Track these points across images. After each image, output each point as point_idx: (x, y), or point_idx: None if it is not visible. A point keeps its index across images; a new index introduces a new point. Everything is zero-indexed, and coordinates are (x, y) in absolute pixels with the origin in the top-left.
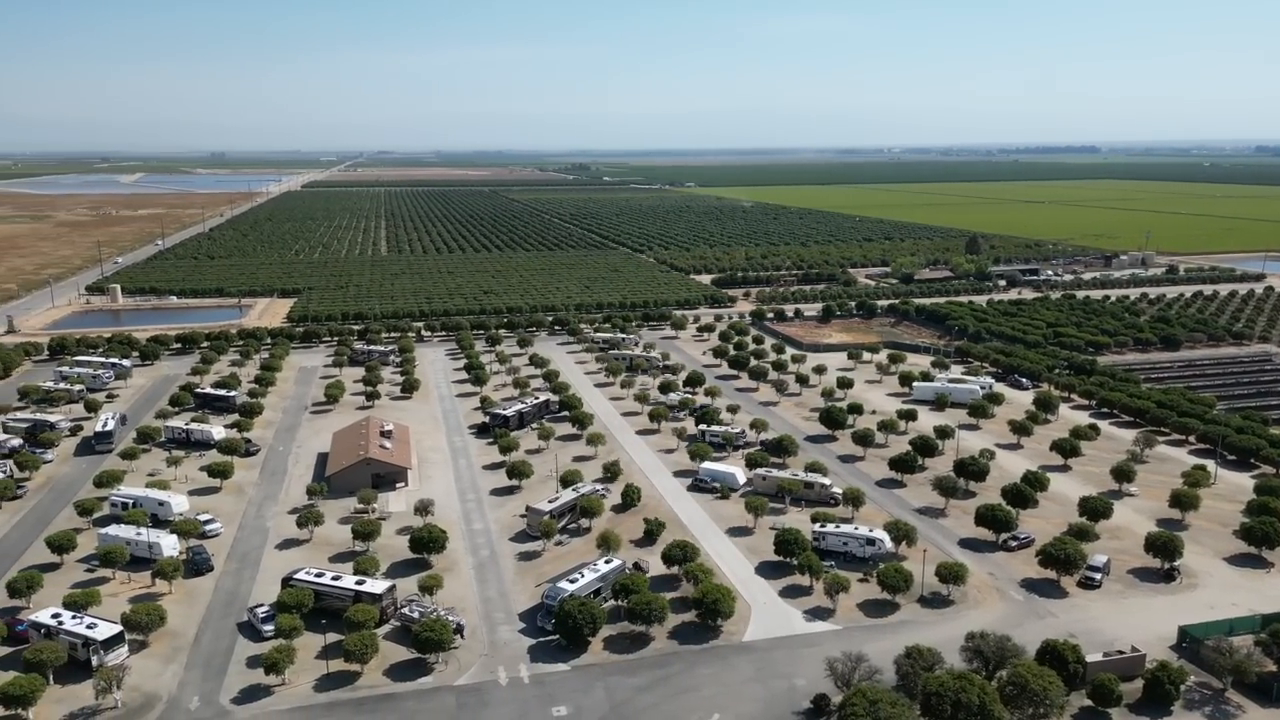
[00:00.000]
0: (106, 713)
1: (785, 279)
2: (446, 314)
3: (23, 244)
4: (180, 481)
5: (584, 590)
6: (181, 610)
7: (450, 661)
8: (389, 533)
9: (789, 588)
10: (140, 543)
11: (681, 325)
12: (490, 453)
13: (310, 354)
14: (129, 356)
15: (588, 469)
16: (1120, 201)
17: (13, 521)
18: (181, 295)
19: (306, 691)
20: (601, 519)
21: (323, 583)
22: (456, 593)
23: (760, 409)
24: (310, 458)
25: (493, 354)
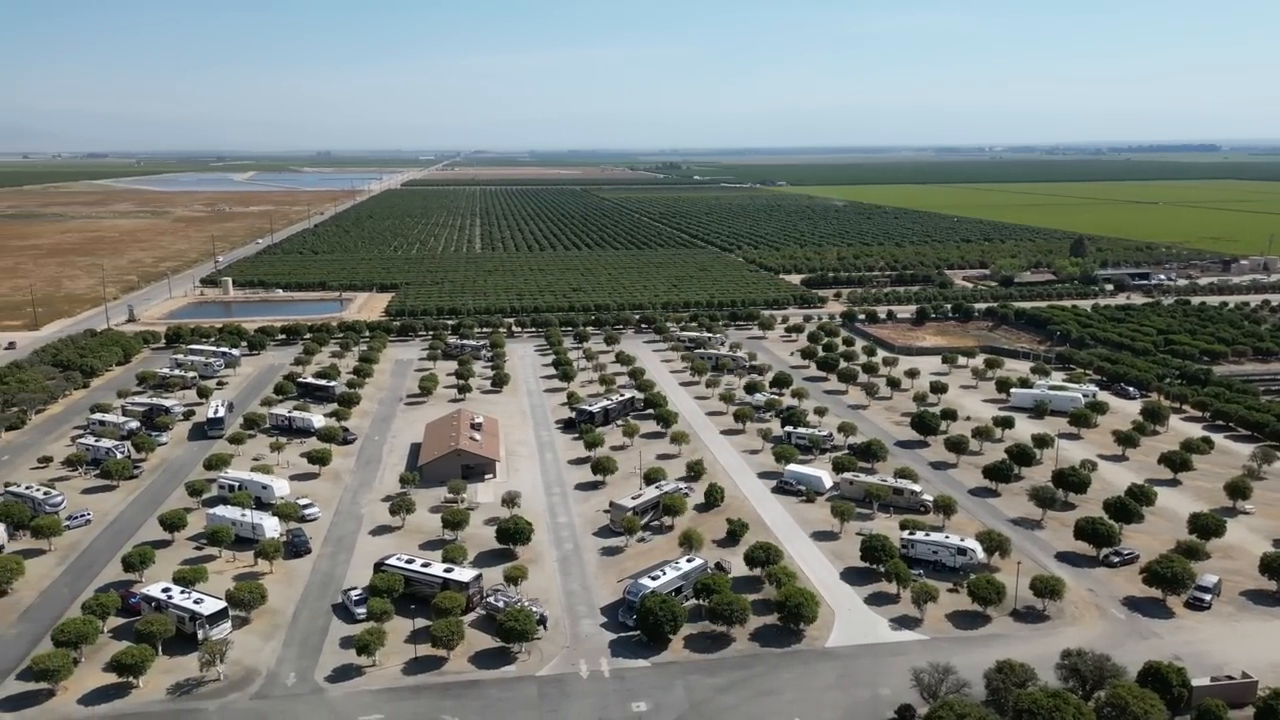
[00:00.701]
0: (210, 684)
1: (878, 280)
2: (536, 310)
3: (144, 238)
4: (282, 467)
5: (665, 588)
6: (281, 590)
7: (533, 652)
8: (477, 523)
9: (875, 595)
10: (244, 524)
11: (769, 325)
12: (576, 448)
13: (406, 347)
14: (238, 346)
15: (671, 467)
16: (1241, 203)
17: (129, 499)
18: (287, 289)
19: (395, 674)
20: (684, 517)
21: (412, 569)
22: (540, 584)
23: (849, 412)
24: (404, 447)
25: (580, 351)
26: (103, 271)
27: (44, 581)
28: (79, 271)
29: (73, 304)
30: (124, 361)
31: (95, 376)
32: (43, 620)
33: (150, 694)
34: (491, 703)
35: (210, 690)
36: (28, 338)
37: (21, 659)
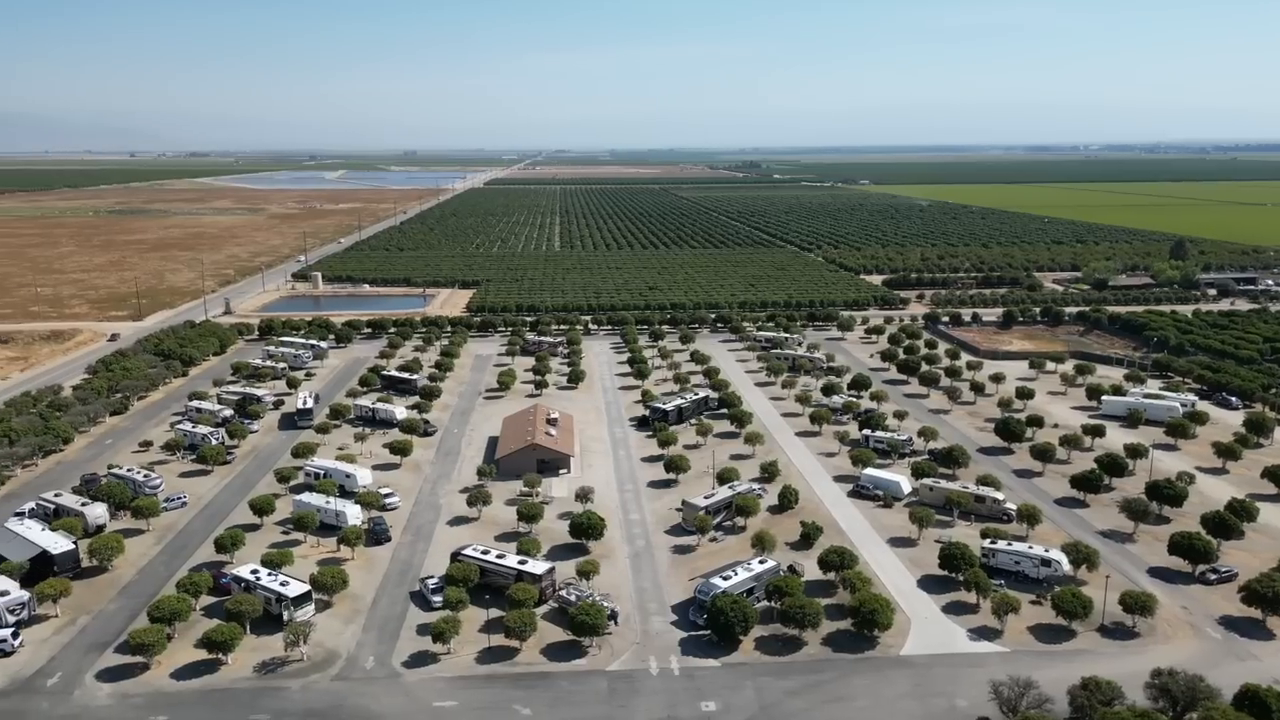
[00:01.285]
0: (293, 664)
1: (963, 281)
2: (613, 308)
3: (240, 234)
4: (365, 456)
5: (737, 588)
6: (361, 576)
7: (604, 646)
8: (550, 517)
9: (953, 604)
10: (329, 511)
11: (848, 326)
12: (649, 445)
13: (486, 343)
14: (326, 339)
15: (745, 468)
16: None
17: (222, 484)
18: (374, 284)
19: (469, 662)
20: (757, 519)
21: (488, 560)
22: (612, 580)
23: (930, 416)
24: (482, 441)
25: (655, 349)
26: (202, 265)
27: (142, 560)
28: (180, 265)
29: (174, 296)
30: (220, 352)
31: (193, 366)
32: (140, 597)
33: (238, 671)
34: (562, 695)
35: (294, 670)
36: (131, 328)
37: (119, 633)
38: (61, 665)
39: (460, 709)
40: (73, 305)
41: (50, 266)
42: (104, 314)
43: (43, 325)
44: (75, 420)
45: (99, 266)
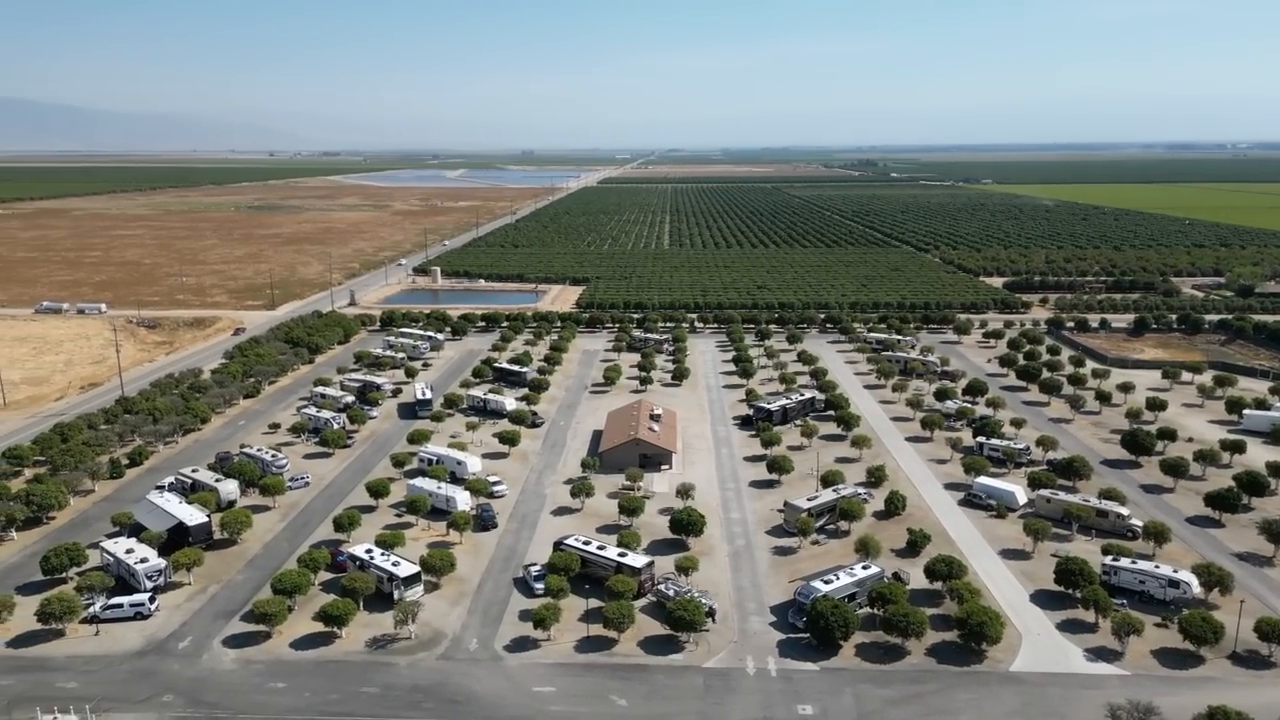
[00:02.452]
0: (402, 641)
1: (1091, 285)
2: (720, 307)
3: (366, 230)
4: (475, 445)
5: (838, 593)
6: (468, 560)
7: (700, 643)
8: (651, 511)
9: (1069, 622)
10: (439, 496)
11: (965, 330)
12: (752, 445)
13: (593, 338)
14: (443, 331)
15: (850, 471)
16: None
17: (342, 466)
18: (489, 279)
19: (568, 650)
20: (861, 523)
21: (589, 550)
22: (711, 577)
23: (1050, 425)
24: (586, 434)
25: (761, 348)
26: (330, 259)
27: (267, 535)
28: (311, 259)
29: (304, 288)
30: (344, 341)
31: (319, 354)
32: (264, 569)
33: (350, 645)
34: (657, 688)
35: (402, 647)
36: (264, 316)
37: (245, 603)
38: (192, 630)
39: (558, 695)
40: (213, 294)
41: (195, 258)
42: (241, 303)
43: (186, 312)
44: (212, 401)
45: (238, 258)
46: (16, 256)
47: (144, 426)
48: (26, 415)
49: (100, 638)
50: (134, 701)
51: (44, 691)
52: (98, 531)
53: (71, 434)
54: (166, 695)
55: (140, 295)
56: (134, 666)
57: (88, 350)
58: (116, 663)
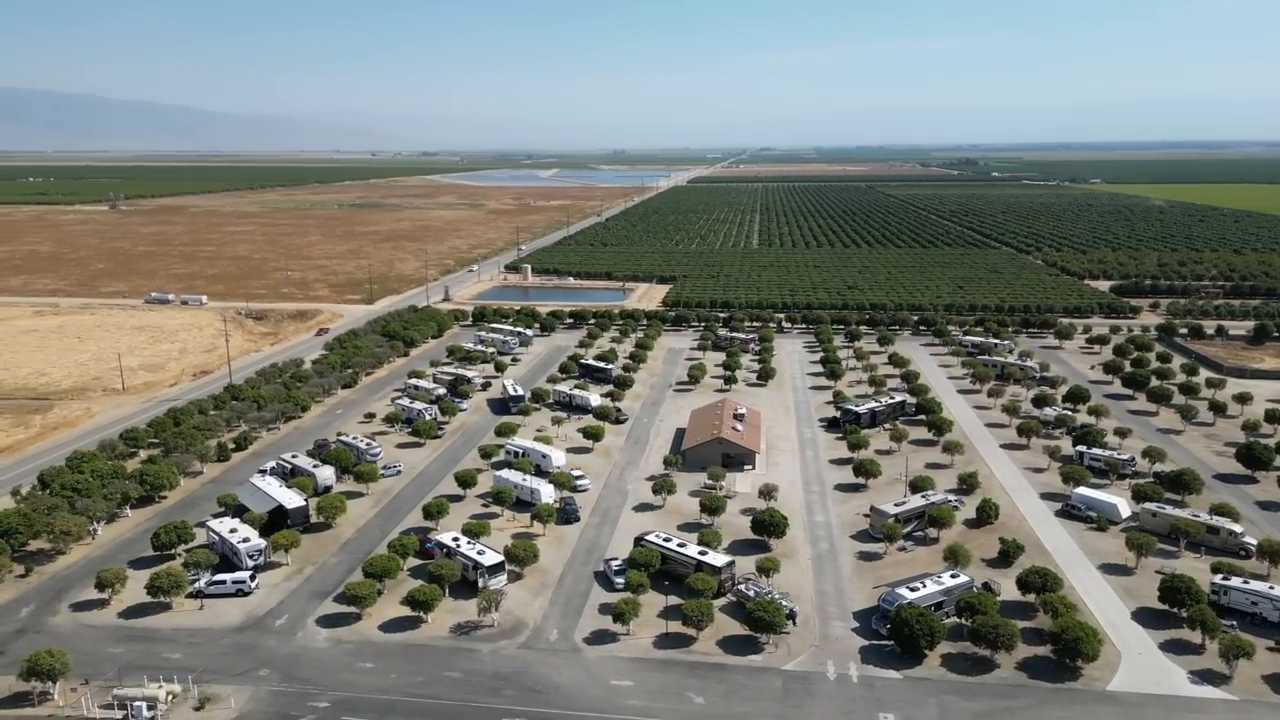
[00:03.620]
0: (484, 629)
1: (1207, 290)
2: (808, 307)
3: (461, 227)
4: (560, 439)
5: (924, 601)
6: (551, 552)
7: (780, 645)
8: (733, 511)
9: (1172, 642)
10: (524, 488)
11: (1067, 334)
12: (839, 448)
13: (679, 336)
14: (531, 327)
15: (941, 477)
16: None
17: (433, 456)
18: (577, 277)
19: (646, 645)
20: (951, 531)
21: (669, 547)
22: (792, 579)
23: (1157, 436)
24: (669, 431)
25: (851, 350)
26: (426, 256)
27: (360, 520)
28: (408, 255)
29: (401, 283)
30: (437, 335)
31: (414, 347)
32: (357, 553)
33: (435, 630)
34: (735, 688)
35: (484, 634)
36: (363, 310)
37: (338, 585)
38: (288, 608)
39: (636, 689)
40: (316, 288)
41: (299, 253)
42: (341, 297)
43: (290, 305)
44: (312, 391)
45: (339, 254)
46: (138, 250)
47: (249, 413)
48: (143, 400)
49: (204, 612)
50: (233, 674)
51: (151, 661)
52: (204, 511)
53: (183, 418)
54: (263, 670)
55: (249, 288)
56: (234, 641)
57: (200, 340)
58: (218, 637)
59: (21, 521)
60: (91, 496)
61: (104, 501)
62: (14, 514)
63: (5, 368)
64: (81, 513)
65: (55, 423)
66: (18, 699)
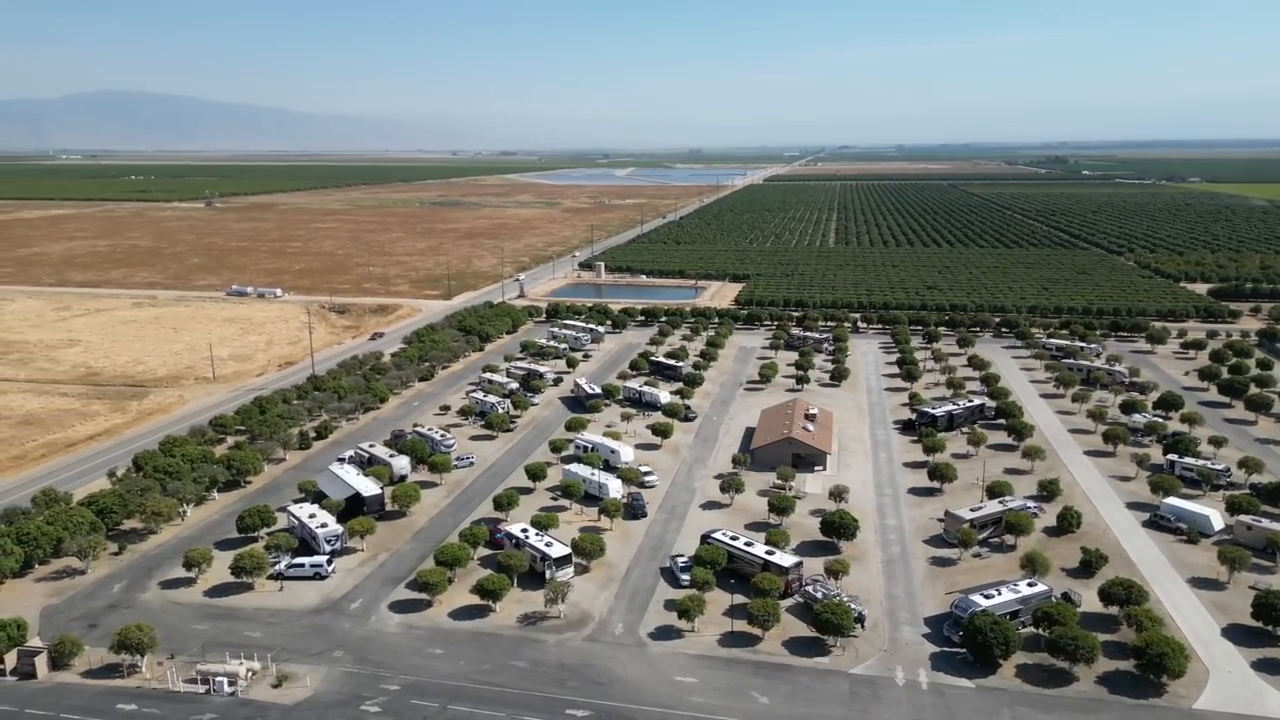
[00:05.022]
0: (551, 620)
1: None
2: (885, 307)
3: (538, 225)
4: (629, 435)
5: (999, 609)
6: (617, 546)
7: (848, 648)
8: (802, 511)
9: (1266, 661)
10: (593, 482)
11: (1160, 339)
12: (913, 451)
13: (750, 335)
14: (603, 324)
15: (1020, 483)
16: None
17: (504, 449)
18: (650, 275)
19: (711, 643)
20: (1029, 539)
21: (736, 546)
22: (861, 583)
23: (1256, 446)
24: (739, 430)
25: (928, 351)
26: (502, 253)
27: (434, 509)
28: (485, 252)
29: (478, 279)
30: (512, 330)
31: (489, 342)
32: (429, 541)
33: (503, 619)
34: (800, 689)
35: (550, 626)
36: (441, 305)
37: (410, 572)
38: (363, 593)
39: (700, 686)
40: (397, 284)
41: (381, 249)
42: (420, 292)
43: (372, 300)
44: (391, 383)
45: (420, 251)
46: (230, 246)
47: (330, 403)
48: (232, 388)
49: (283, 593)
50: (309, 654)
51: (233, 639)
52: (286, 496)
53: (269, 407)
54: (337, 651)
55: (332, 283)
56: (311, 622)
57: (285, 332)
58: (296, 618)
59: (117, 502)
60: (182, 479)
61: (193, 484)
62: (110, 494)
63: (106, 356)
64: (172, 495)
65: (150, 409)
66: (109, 670)
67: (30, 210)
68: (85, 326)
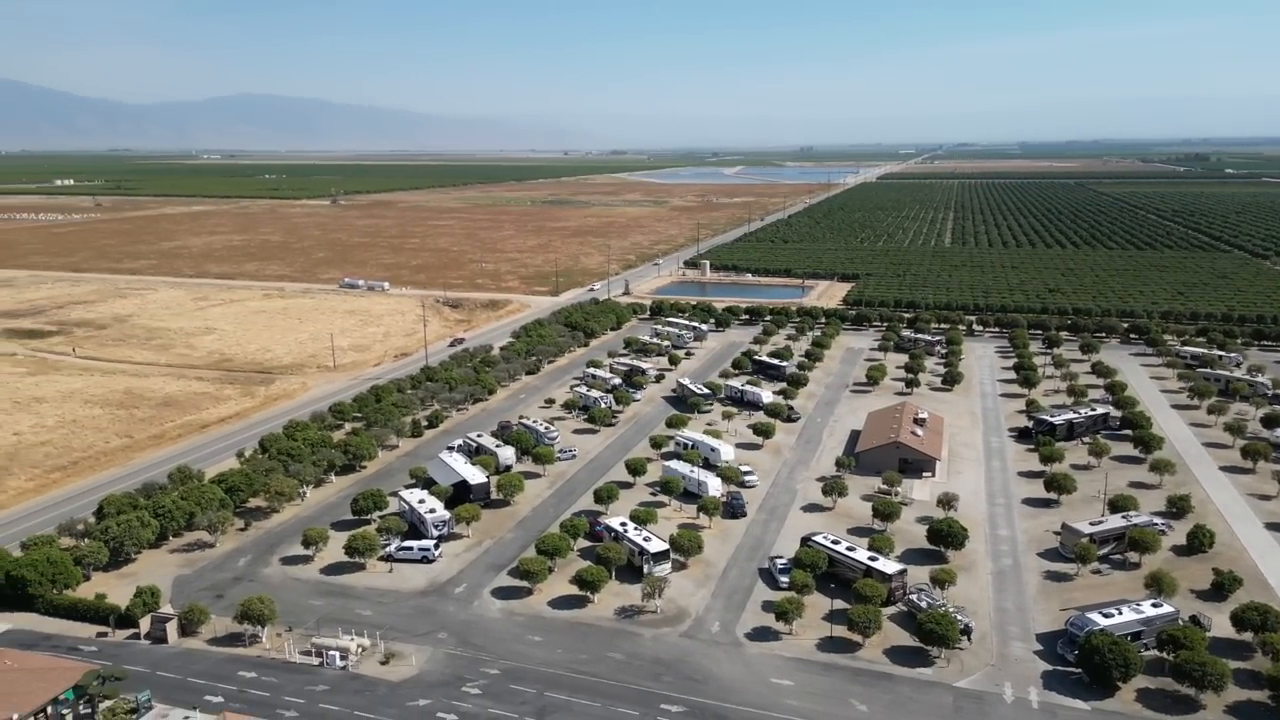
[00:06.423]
0: (647, 614)
1: None
2: (1003, 309)
3: (645, 224)
4: (730, 434)
5: (1120, 629)
6: (715, 545)
7: (953, 660)
8: (908, 518)
9: None
10: (692, 479)
11: None
12: (1029, 460)
13: (858, 336)
14: (706, 322)
15: (1146, 499)
16: None
17: (606, 443)
18: (755, 273)
19: (809, 647)
20: (1155, 557)
21: (838, 550)
22: (969, 594)
23: None
24: (843, 433)
25: (1048, 356)
26: (609, 251)
27: (536, 499)
28: (593, 250)
29: (585, 276)
30: (616, 327)
31: (594, 338)
32: (531, 530)
33: (600, 610)
34: (901, 700)
35: (647, 620)
36: (548, 301)
37: (513, 559)
38: (467, 578)
39: (796, 690)
40: (507, 280)
41: (494, 246)
42: (529, 288)
43: (483, 295)
44: (499, 375)
45: (530, 248)
46: (353, 241)
47: (441, 394)
48: (350, 377)
49: (392, 575)
50: (415, 634)
51: (345, 616)
52: (397, 482)
53: (384, 396)
54: (441, 633)
55: (447, 278)
56: (417, 604)
57: (402, 324)
58: (404, 599)
59: (244, 481)
60: (303, 462)
61: (313, 467)
62: (238, 474)
63: (237, 344)
64: (294, 476)
65: (276, 394)
66: (233, 639)
67: (173, 206)
68: (220, 316)
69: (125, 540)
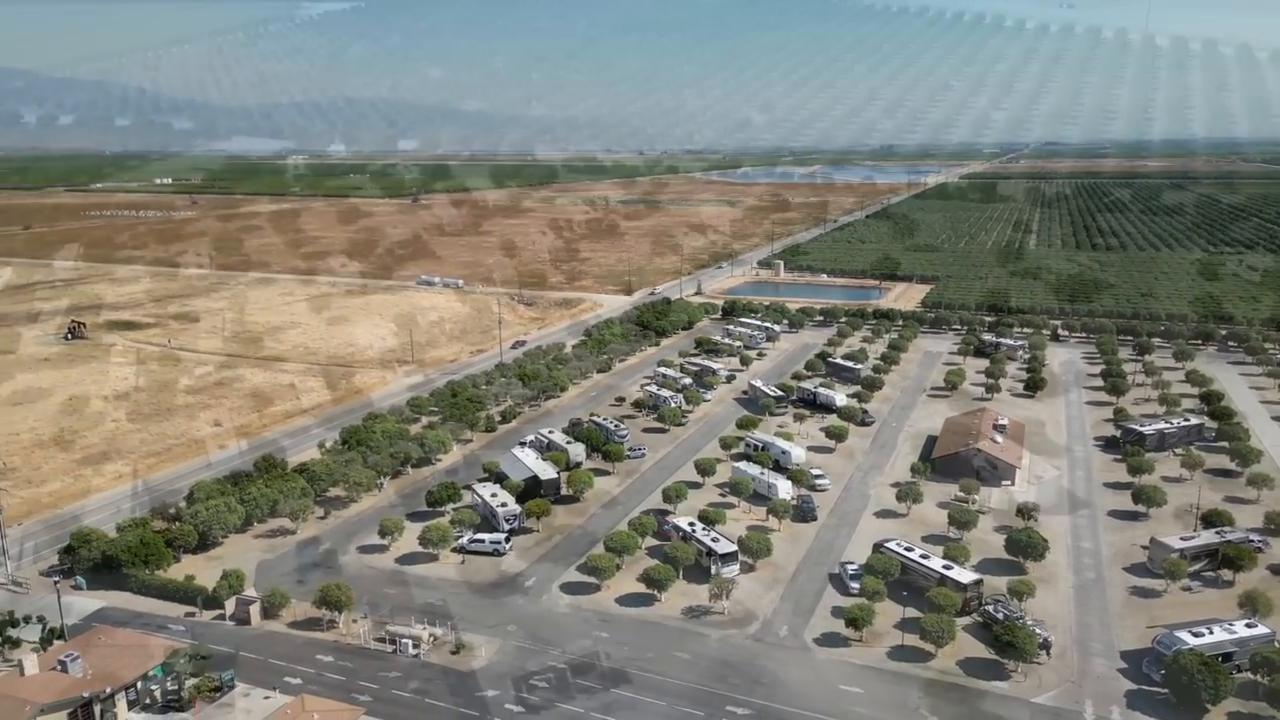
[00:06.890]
0: (714, 615)
1: None
2: (1090, 314)
3: (719, 223)
4: (801, 436)
5: (1211, 649)
6: (785, 548)
7: (1030, 675)
8: (985, 527)
9: None
10: (762, 481)
11: None
12: (1116, 470)
13: (937, 339)
14: (780, 323)
15: (1243, 514)
16: None
17: (676, 442)
18: (831, 274)
19: (879, 655)
20: (1251, 575)
21: (911, 557)
22: (1049, 607)
23: None
24: (919, 438)
25: (1139, 363)
26: (683, 250)
27: (605, 497)
28: (666, 249)
29: (658, 276)
30: (687, 327)
31: (665, 337)
32: (600, 527)
33: (667, 609)
34: (975, 713)
35: (714, 621)
36: (622, 300)
37: (581, 555)
38: (536, 572)
39: (865, 698)
40: (582, 279)
41: (569, 245)
42: (603, 287)
43: (557, 293)
44: (571, 373)
45: (604, 247)
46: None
47: (515, 390)
48: (427, 372)
49: (464, 566)
50: (485, 626)
51: (418, 604)
52: (471, 475)
53: (459, 391)
54: (511, 625)
55: (522, 276)
56: (488, 596)
57: (478, 321)
58: (474, 590)
59: (324, 471)
60: (381, 454)
61: (390, 459)
62: (319, 464)
63: (321, 339)
64: (372, 467)
65: (357, 387)
66: (311, 623)
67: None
68: (305, 310)
69: (213, 525)
